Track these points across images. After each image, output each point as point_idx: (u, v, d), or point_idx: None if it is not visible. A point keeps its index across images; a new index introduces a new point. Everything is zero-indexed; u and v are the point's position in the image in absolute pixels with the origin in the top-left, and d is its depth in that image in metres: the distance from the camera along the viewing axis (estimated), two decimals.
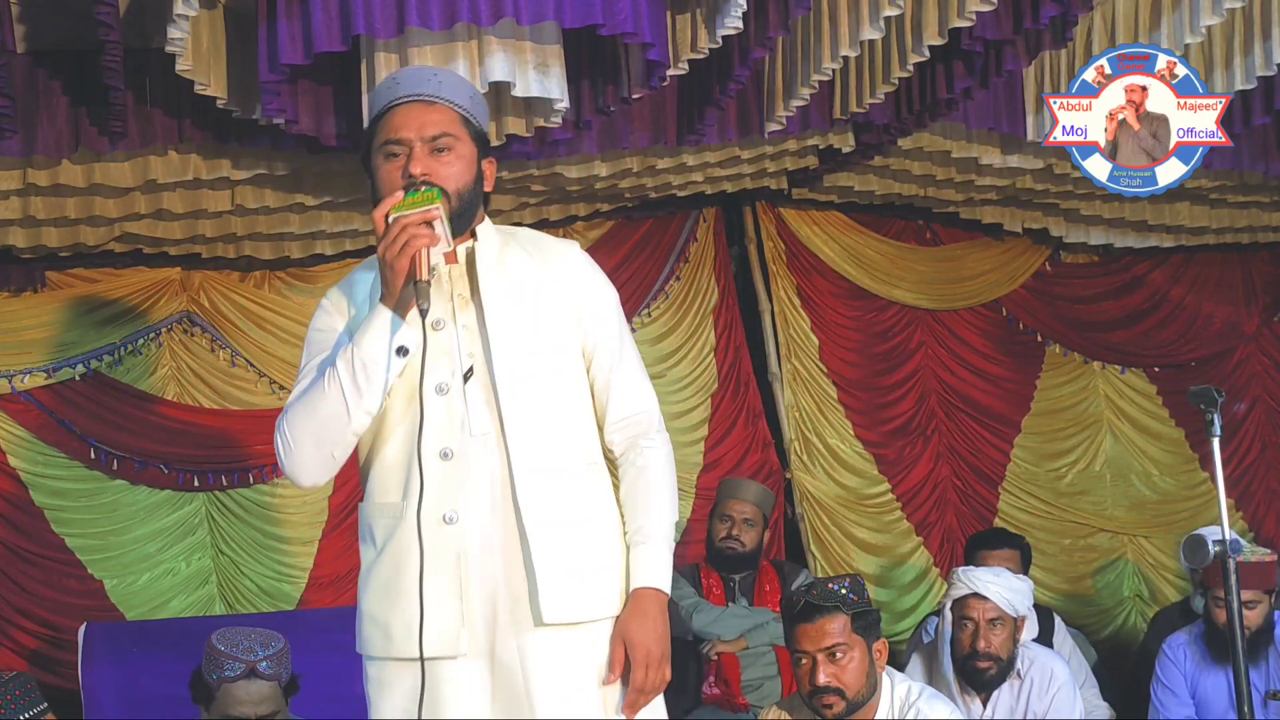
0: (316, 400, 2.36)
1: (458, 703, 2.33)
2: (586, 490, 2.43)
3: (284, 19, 3.51)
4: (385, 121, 2.43)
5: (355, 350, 2.32)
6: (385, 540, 2.40)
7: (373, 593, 2.41)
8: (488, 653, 2.34)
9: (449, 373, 2.38)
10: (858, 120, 4.68)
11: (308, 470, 2.42)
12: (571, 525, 2.38)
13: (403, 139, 2.39)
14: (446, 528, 2.34)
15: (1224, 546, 3.08)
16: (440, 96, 2.42)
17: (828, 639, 3.39)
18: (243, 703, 3.53)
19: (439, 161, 2.39)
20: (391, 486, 2.40)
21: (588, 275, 2.53)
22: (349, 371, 2.32)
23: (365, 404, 2.33)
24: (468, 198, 2.42)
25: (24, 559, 5.24)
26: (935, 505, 6.25)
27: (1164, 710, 4.55)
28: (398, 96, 2.43)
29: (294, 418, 2.40)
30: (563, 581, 2.35)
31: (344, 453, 2.40)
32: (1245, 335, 6.86)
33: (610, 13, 3.55)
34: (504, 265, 2.46)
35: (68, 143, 4.20)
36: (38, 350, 5.28)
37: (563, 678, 2.35)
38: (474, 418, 2.36)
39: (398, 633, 2.35)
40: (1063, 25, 4.14)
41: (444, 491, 2.34)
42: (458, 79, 2.55)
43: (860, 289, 6.28)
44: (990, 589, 4.09)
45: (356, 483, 5.92)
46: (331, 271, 5.68)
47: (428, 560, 2.30)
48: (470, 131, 2.44)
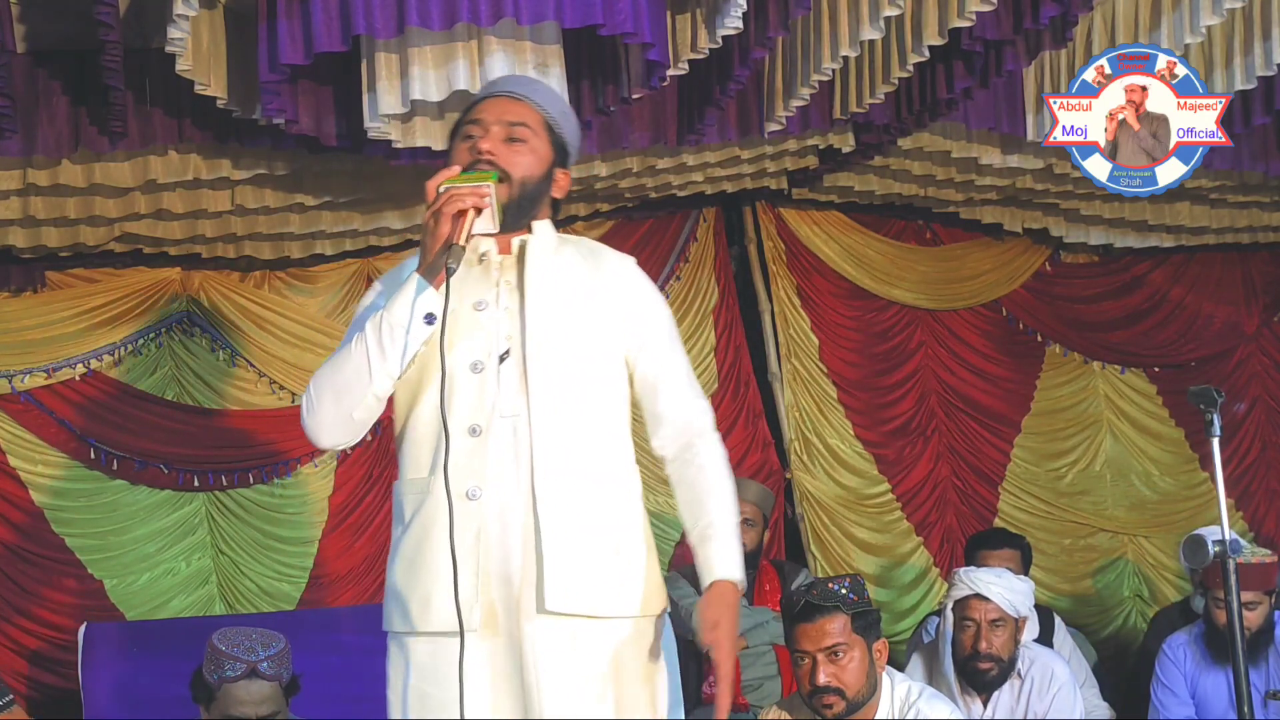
0: (342, 360, 2.41)
1: (470, 679, 2.33)
2: (609, 488, 2.44)
3: (284, 19, 3.51)
4: (472, 110, 2.52)
5: (384, 314, 2.36)
6: (412, 515, 2.43)
7: (397, 567, 2.45)
8: (500, 632, 2.35)
9: (485, 353, 2.41)
10: (858, 120, 4.68)
11: (326, 428, 2.44)
12: (587, 517, 2.39)
13: (481, 119, 2.47)
14: (469, 503, 2.35)
15: (1224, 547, 3.08)
16: (530, 98, 2.51)
17: (828, 639, 3.39)
18: (243, 703, 3.53)
19: (510, 149, 2.45)
20: (421, 462, 2.44)
21: (639, 285, 2.56)
22: (375, 334, 2.36)
23: (388, 366, 2.36)
24: (530, 191, 2.46)
25: (24, 559, 5.23)
26: (935, 505, 6.25)
27: (1164, 710, 4.55)
28: (492, 91, 2.55)
29: (320, 376, 2.45)
30: (568, 571, 2.35)
31: (364, 414, 2.41)
32: (1245, 335, 6.86)
33: (610, 13, 3.55)
34: (555, 262, 2.50)
35: (68, 143, 4.20)
36: (38, 350, 5.28)
37: (569, 670, 2.35)
38: (504, 399, 2.39)
39: (415, 606, 2.39)
40: (1063, 25, 4.14)
41: (469, 467, 2.36)
42: (555, 95, 2.63)
43: (860, 289, 6.28)
44: (992, 590, 4.09)
45: (356, 482, 5.97)
46: (332, 271, 5.68)
47: (448, 536, 2.32)
48: (550, 136, 2.50)
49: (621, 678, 2.39)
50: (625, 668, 2.40)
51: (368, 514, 5.57)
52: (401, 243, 5.64)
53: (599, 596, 2.38)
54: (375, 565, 5.55)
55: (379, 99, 3.76)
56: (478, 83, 3.70)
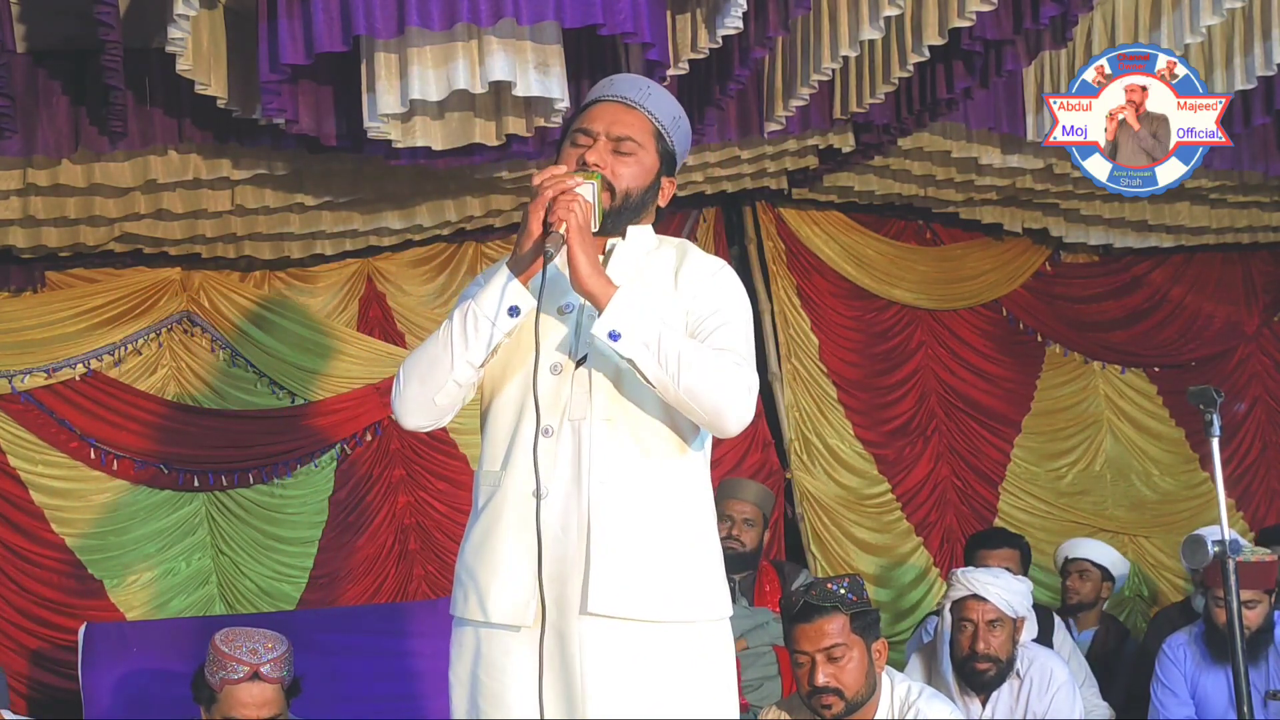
0: (430, 344, 2.47)
1: (516, 673, 2.38)
2: (668, 494, 2.44)
3: (284, 19, 3.51)
4: (585, 114, 2.54)
5: (473, 303, 2.42)
6: (484, 505, 2.48)
7: (466, 555, 2.50)
8: (552, 631, 2.36)
9: (566, 355, 2.45)
10: (858, 120, 4.68)
11: (409, 409, 2.50)
12: (640, 523, 2.40)
13: (591, 130, 2.49)
14: (534, 502, 2.38)
15: (1224, 546, 3.08)
16: (643, 105, 2.52)
17: (826, 639, 3.39)
18: (245, 705, 3.53)
19: (618, 160, 2.47)
20: (496, 455, 2.48)
21: (716, 283, 2.52)
22: (461, 321, 2.42)
23: (469, 354, 2.41)
24: (633, 201, 2.49)
25: (24, 559, 5.24)
26: (935, 505, 6.26)
27: (1164, 710, 4.55)
28: (606, 95, 2.55)
29: (410, 359, 2.51)
30: (613, 574, 2.37)
31: (446, 400, 2.46)
32: (1245, 335, 6.86)
33: (610, 12, 3.55)
34: (641, 266, 2.51)
35: (68, 143, 4.20)
36: (38, 350, 5.28)
37: (615, 672, 2.37)
38: (575, 403, 2.42)
39: (476, 596, 2.44)
40: (1063, 25, 4.14)
41: (539, 467, 2.37)
42: (669, 100, 2.60)
43: (860, 289, 6.28)
44: (989, 590, 4.09)
45: (356, 482, 5.97)
46: (331, 271, 5.69)
47: (514, 531, 2.39)
48: (659, 146, 2.52)
49: (671, 682, 2.40)
50: (675, 672, 2.41)
51: (368, 514, 5.57)
52: (402, 242, 5.64)
53: (643, 600, 2.39)
54: (375, 565, 5.56)
55: (379, 99, 3.75)
56: (478, 83, 3.71)
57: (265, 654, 3.55)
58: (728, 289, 2.53)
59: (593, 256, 2.36)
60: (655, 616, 2.40)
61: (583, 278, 2.34)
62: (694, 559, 2.46)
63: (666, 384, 2.35)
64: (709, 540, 2.50)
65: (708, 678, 2.45)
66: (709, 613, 2.47)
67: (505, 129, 4.14)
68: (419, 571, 5.61)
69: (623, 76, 2.63)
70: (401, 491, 5.62)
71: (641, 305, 2.36)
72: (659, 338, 2.34)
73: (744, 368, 2.44)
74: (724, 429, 2.43)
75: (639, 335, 2.33)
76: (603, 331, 2.33)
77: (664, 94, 2.60)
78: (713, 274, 2.53)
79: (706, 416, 2.39)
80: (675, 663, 2.41)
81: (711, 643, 2.47)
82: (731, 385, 2.39)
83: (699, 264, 2.54)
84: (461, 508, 5.33)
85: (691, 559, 2.46)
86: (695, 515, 2.49)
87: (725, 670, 2.50)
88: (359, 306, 5.71)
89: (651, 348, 2.33)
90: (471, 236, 5.77)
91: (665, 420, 2.45)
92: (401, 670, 4.73)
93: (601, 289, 2.35)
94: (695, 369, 2.35)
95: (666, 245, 2.58)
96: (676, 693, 2.40)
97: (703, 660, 2.44)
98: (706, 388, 2.36)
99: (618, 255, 2.51)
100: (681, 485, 2.47)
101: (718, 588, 2.49)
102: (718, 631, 2.49)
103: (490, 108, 4.12)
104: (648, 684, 2.38)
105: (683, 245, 2.60)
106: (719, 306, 2.49)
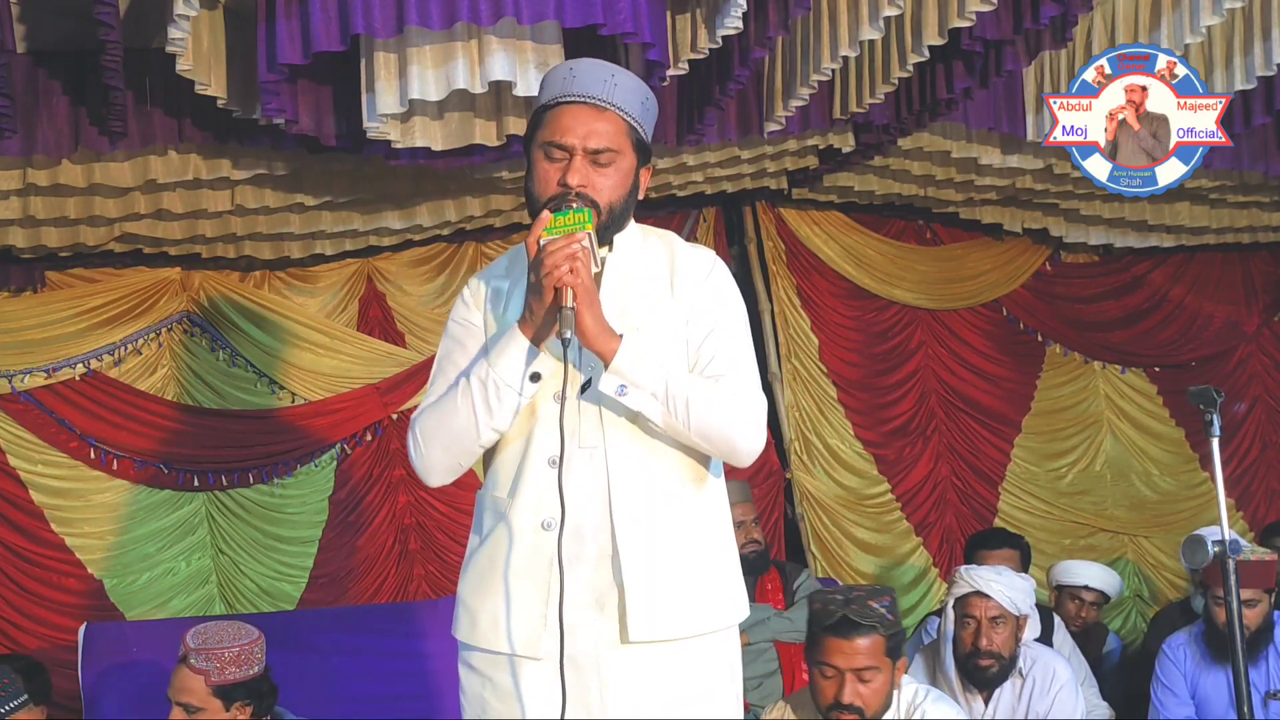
0: (449, 413, 2.42)
1: (532, 704, 2.36)
2: (687, 511, 2.44)
3: (283, 19, 3.50)
4: (553, 118, 2.42)
5: (490, 370, 2.36)
6: (488, 533, 2.46)
7: (469, 580, 2.47)
8: (570, 661, 2.33)
9: (569, 384, 2.39)
10: (858, 120, 4.68)
11: (436, 474, 2.48)
12: (665, 545, 2.39)
13: (566, 145, 2.39)
14: (544, 533, 2.36)
15: (1224, 546, 3.08)
16: (612, 103, 2.42)
17: (860, 659, 3.30)
18: (172, 686, 3.50)
19: (598, 174, 2.40)
20: (502, 482, 2.45)
21: (709, 281, 2.50)
22: (481, 391, 2.37)
23: (495, 422, 2.38)
24: (619, 210, 2.45)
25: (24, 559, 5.24)
26: (935, 505, 6.26)
27: (1164, 710, 4.55)
28: (571, 94, 2.42)
29: (427, 424, 2.46)
30: (651, 602, 2.36)
31: (470, 460, 2.46)
32: (1245, 335, 6.87)
33: (610, 12, 3.54)
34: (630, 281, 2.48)
35: (68, 143, 4.19)
36: (38, 350, 5.28)
37: (643, 692, 2.36)
38: (585, 430, 2.39)
39: (484, 624, 2.41)
40: (1063, 25, 4.14)
41: (546, 498, 2.36)
42: (633, 82, 2.49)
43: (860, 289, 6.29)
44: (993, 587, 4.09)
45: (356, 482, 5.95)
46: (331, 271, 5.69)
47: (522, 562, 2.37)
48: (634, 141, 2.45)
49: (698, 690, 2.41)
50: (702, 680, 2.42)
51: (368, 514, 5.58)
52: (402, 242, 5.64)
53: (677, 620, 2.38)
54: (375, 565, 5.56)
55: (378, 99, 3.75)
56: (477, 82, 3.70)
57: (203, 643, 3.48)
58: (723, 293, 2.51)
59: (598, 313, 2.32)
60: (691, 633, 2.40)
61: (590, 339, 2.32)
62: (719, 569, 2.47)
63: (677, 428, 2.37)
64: (730, 548, 2.51)
65: (726, 680, 2.47)
66: (735, 617, 2.48)
67: (505, 129, 4.13)
68: (419, 571, 5.61)
69: (583, 68, 2.47)
70: (402, 491, 5.63)
71: (644, 353, 2.35)
72: (665, 386, 2.34)
73: (751, 397, 2.44)
74: (737, 461, 2.45)
75: (646, 387, 2.34)
76: (610, 388, 2.33)
77: (627, 78, 2.49)
78: (706, 275, 2.51)
79: (718, 452, 2.43)
80: (703, 671, 2.42)
81: (731, 646, 2.49)
82: (741, 421, 2.40)
83: (692, 266, 2.51)
84: (462, 507, 5.34)
85: (717, 570, 2.46)
86: (716, 527, 2.49)
87: (738, 671, 2.53)
88: (359, 306, 5.71)
89: (660, 397, 2.34)
90: (471, 236, 5.77)
91: (677, 442, 2.43)
92: (402, 670, 4.74)
93: (606, 345, 2.33)
94: (704, 412, 2.36)
95: (652, 241, 2.54)
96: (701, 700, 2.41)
97: (722, 664, 2.46)
98: (717, 426, 2.38)
99: (610, 271, 2.46)
100: (701, 501, 2.47)
101: (740, 592, 2.50)
102: (734, 634, 2.51)
103: (490, 108, 4.12)
104: (673, 698, 2.38)
105: (669, 240, 2.57)
106: (716, 322, 2.47)
